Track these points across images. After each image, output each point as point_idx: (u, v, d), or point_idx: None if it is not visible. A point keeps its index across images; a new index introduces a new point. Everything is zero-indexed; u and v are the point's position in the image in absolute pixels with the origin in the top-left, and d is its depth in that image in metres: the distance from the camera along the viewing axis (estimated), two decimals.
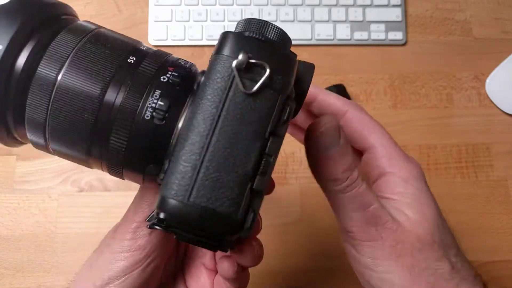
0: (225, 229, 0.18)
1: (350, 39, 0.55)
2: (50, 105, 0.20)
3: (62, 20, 0.22)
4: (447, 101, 0.54)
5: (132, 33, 0.48)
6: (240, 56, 0.18)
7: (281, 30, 0.20)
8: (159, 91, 0.21)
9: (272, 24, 0.20)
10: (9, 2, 0.20)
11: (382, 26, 0.56)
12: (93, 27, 0.23)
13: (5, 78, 0.20)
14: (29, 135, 0.22)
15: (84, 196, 0.49)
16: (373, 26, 0.56)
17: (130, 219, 0.26)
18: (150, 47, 0.24)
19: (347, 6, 0.56)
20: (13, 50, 0.20)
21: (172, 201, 0.18)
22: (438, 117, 0.54)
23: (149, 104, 0.21)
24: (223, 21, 0.55)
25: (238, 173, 0.18)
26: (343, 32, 0.55)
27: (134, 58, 0.21)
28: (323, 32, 0.55)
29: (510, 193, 0.51)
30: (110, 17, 0.55)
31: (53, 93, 0.20)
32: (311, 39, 0.55)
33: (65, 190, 0.50)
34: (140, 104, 0.21)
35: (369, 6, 0.56)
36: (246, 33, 0.20)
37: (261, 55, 0.19)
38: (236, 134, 0.18)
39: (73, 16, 0.24)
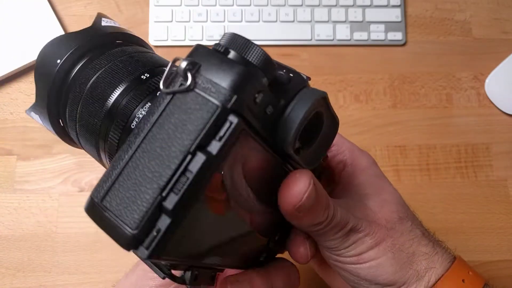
0: (118, 241, 0.17)
1: (350, 40, 0.56)
2: (81, 101, 0.25)
3: (118, 44, 0.27)
4: (447, 101, 0.54)
5: None
6: (182, 60, 0.17)
7: (265, 55, 0.18)
8: (150, 104, 0.22)
9: (257, 47, 0.18)
10: (80, 30, 0.26)
11: (381, 27, 0.56)
12: (144, 50, 0.27)
13: (61, 81, 0.25)
14: (69, 130, 0.27)
15: (85, 196, 0.49)
16: (372, 27, 0.56)
17: None
18: None
19: (346, 7, 0.56)
20: (69, 62, 0.25)
21: (90, 198, 0.18)
22: (438, 117, 0.54)
23: (138, 114, 0.23)
24: (223, 21, 0.55)
25: (150, 186, 0.16)
26: (343, 33, 0.56)
27: (148, 75, 0.24)
28: (323, 33, 0.55)
29: (509, 193, 0.51)
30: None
31: (85, 91, 0.25)
32: (311, 40, 0.55)
33: (66, 190, 0.50)
34: (132, 113, 0.23)
35: (369, 6, 0.56)
36: (219, 48, 0.18)
37: (210, 65, 0.17)
38: (164, 143, 0.17)
39: (129, 43, 0.28)
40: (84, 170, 0.50)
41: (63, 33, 0.53)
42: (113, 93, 0.24)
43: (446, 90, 0.55)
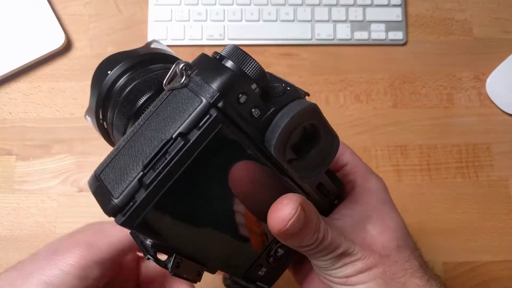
0: (103, 207, 0.19)
1: (350, 39, 0.55)
2: (118, 104, 0.29)
3: (158, 62, 0.31)
4: (448, 101, 0.54)
5: (131, 33, 0.48)
6: (182, 63, 0.20)
7: (260, 69, 0.21)
8: None
9: (254, 61, 0.21)
10: (132, 49, 0.31)
11: (382, 26, 0.56)
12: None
13: (108, 88, 0.29)
14: (109, 131, 0.30)
15: (84, 196, 0.49)
16: (373, 26, 0.56)
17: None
18: None
19: (347, 6, 0.56)
20: (117, 73, 0.30)
21: (93, 172, 0.21)
22: (439, 117, 0.54)
23: None
24: (223, 20, 0.55)
25: (136, 163, 0.19)
26: (343, 32, 0.55)
27: None
28: (323, 32, 0.55)
29: (510, 193, 0.51)
30: (110, 17, 0.55)
31: (122, 96, 0.29)
32: (311, 39, 0.55)
33: (65, 190, 0.50)
34: None
35: (369, 6, 0.56)
36: (216, 55, 0.21)
37: (204, 68, 0.20)
38: (155, 130, 0.20)
39: (168, 62, 0.32)
40: (83, 170, 0.50)
41: (62, 32, 0.53)
42: (142, 97, 0.28)
43: (447, 89, 0.55)
